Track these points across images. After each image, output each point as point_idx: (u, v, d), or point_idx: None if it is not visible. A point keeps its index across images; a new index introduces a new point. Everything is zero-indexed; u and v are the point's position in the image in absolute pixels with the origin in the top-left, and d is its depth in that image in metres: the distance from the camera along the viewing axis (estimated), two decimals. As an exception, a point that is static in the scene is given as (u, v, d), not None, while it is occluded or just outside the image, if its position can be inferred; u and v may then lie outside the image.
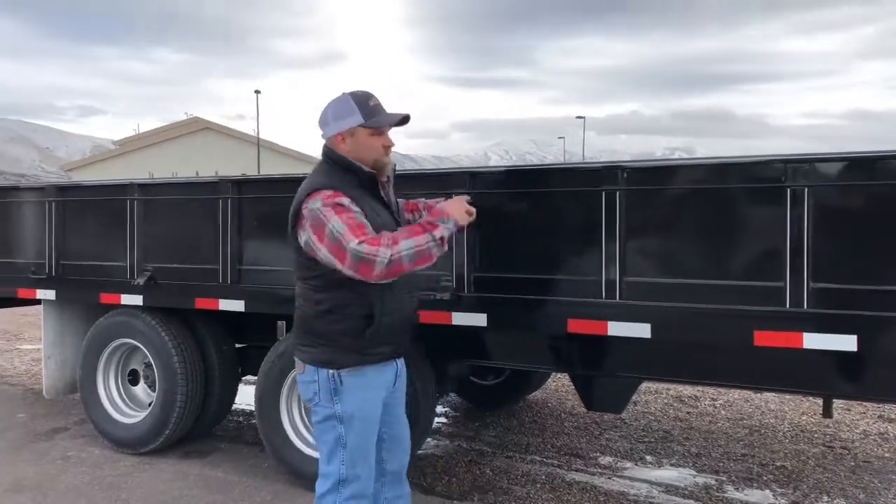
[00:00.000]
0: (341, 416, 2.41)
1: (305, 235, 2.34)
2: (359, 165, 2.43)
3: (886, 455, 4.54)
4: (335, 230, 2.25)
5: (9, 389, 5.97)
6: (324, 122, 2.49)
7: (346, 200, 2.31)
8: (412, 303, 2.58)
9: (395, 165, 2.55)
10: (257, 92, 46.33)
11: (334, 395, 2.40)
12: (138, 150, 51.39)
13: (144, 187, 4.25)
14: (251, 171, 46.51)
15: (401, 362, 2.59)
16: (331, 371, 2.39)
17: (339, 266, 2.25)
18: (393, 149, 2.49)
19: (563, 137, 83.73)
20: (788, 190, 2.71)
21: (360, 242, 2.21)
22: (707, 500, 3.83)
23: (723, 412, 5.43)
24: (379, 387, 2.47)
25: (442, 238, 2.31)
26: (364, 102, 2.44)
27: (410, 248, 2.25)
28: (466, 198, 2.55)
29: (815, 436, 4.88)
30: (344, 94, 2.49)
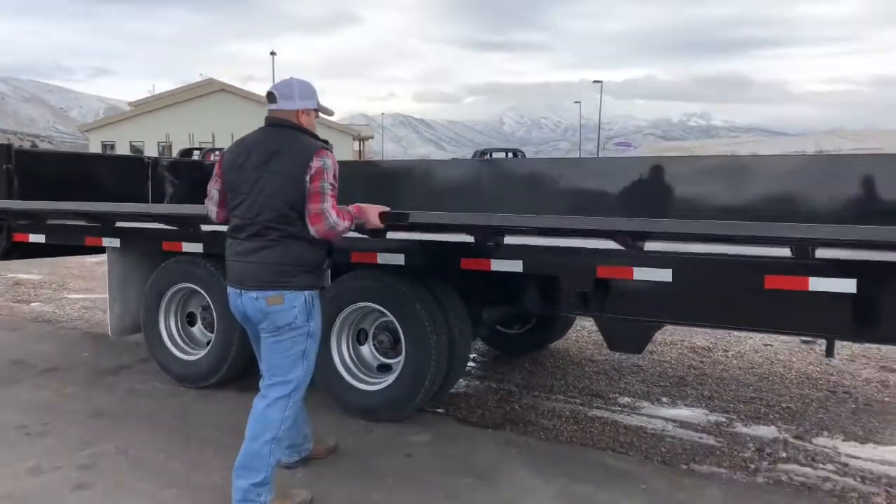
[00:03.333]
0: (311, 332, 3.02)
1: (311, 181, 2.91)
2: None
3: (886, 399, 4.90)
4: (325, 187, 2.91)
5: (69, 332, 6.43)
6: (287, 96, 3.07)
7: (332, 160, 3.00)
8: None
9: None
10: (272, 53, 46.26)
11: (309, 314, 3.01)
12: (154, 112, 51.70)
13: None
14: (268, 134, 46.73)
15: None
16: (308, 293, 2.98)
17: (308, 206, 2.89)
18: (399, 113, 2.99)
19: (580, 102, 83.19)
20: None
21: (331, 207, 2.92)
22: (717, 434, 4.21)
23: (734, 361, 5.79)
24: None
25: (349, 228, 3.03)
26: (316, 91, 3.16)
27: (341, 225, 2.96)
28: (384, 208, 3.21)
29: (820, 382, 5.24)
30: (302, 80, 3.13)
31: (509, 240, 3.63)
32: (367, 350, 4.34)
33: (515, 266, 3.66)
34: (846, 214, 4.80)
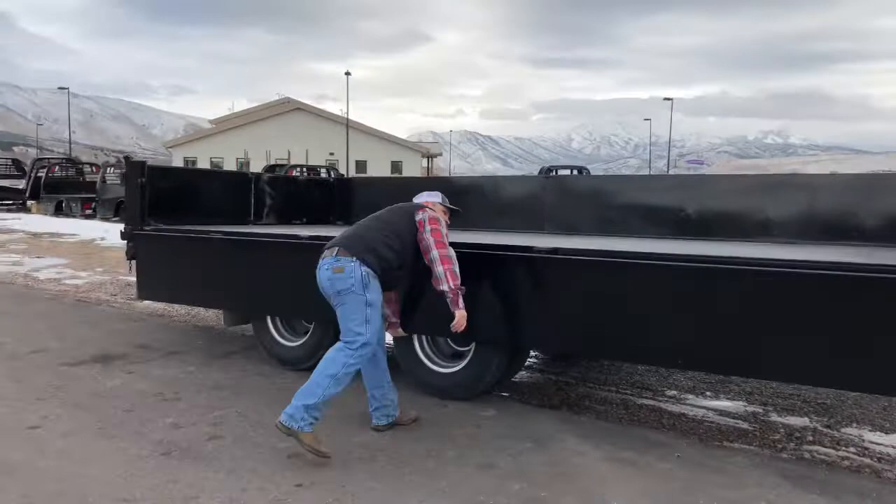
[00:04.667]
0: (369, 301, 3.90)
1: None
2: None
3: (918, 399, 5.29)
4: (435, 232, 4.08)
5: (181, 325, 7.37)
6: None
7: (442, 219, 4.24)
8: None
9: None
10: (347, 73, 47.91)
11: (365, 287, 3.88)
12: (233, 129, 54.10)
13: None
14: (341, 151, 48.37)
15: None
16: (366, 269, 3.92)
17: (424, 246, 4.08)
18: (466, 130, 3.74)
19: (649, 119, 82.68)
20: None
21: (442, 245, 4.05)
22: (752, 422, 4.73)
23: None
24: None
25: (453, 290, 4.00)
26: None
27: (449, 273, 4.00)
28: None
29: (858, 383, 5.66)
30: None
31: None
32: (442, 340, 5.04)
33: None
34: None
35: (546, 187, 7.34)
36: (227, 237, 5.67)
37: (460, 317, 4.02)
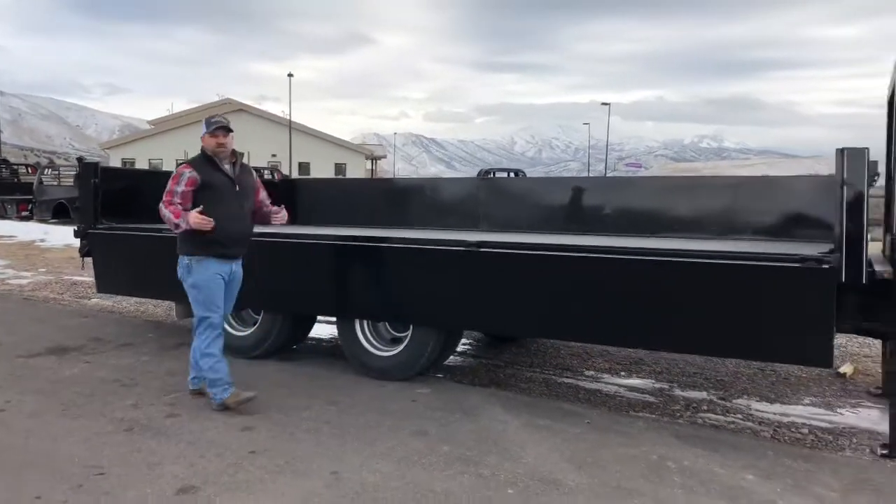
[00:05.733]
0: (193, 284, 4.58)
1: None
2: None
3: (803, 375, 6.00)
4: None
5: (132, 319, 7.66)
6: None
7: (185, 172, 4.51)
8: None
9: (237, 154, 4.74)
10: (290, 75, 47.85)
11: (187, 272, 4.55)
12: (172, 130, 53.27)
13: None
14: (283, 153, 48.21)
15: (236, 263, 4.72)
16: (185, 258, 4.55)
17: None
18: (411, 132, 4.20)
19: (588, 123, 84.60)
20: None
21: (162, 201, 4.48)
22: (658, 396, 5.34)
23: (688, 348, 6.91)
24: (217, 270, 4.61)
25: (176, 225, 4.44)
26: (207, 121, 4.65)
27: (167, 216, 4.45)
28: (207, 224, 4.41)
29: (754, 363, 6.34)
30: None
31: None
32: (382, 326, 5.52)
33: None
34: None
35: (481, 188, 7.90)
36: (163, 235, 6.03)
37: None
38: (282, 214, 4.97)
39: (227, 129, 4.63)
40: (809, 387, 5.64)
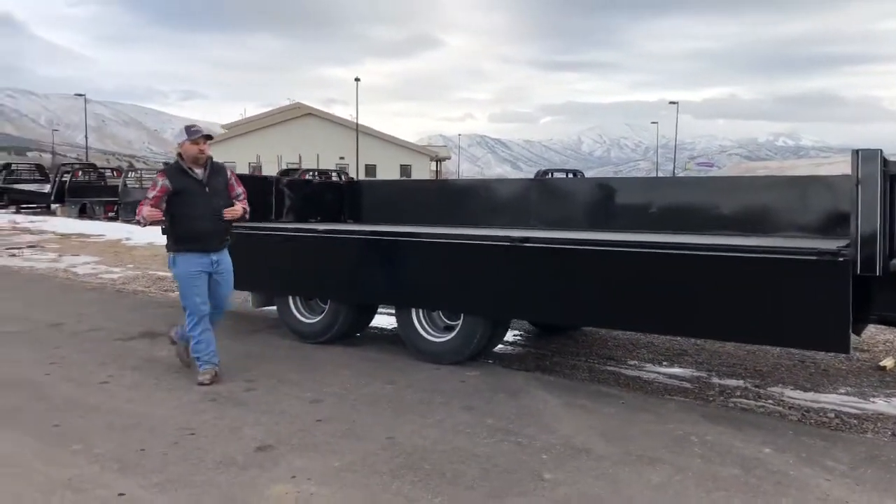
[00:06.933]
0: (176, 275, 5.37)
1: None
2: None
3: (843, 367, 6.20)
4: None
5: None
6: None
7: (159, 180, 5.22)
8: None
9: (209, 159, 5.34)
10: (357, 79, 49.03)
11: (172, 265, 5.32)
12: (245, 135, 55.25)
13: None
14: (351, 155, 49.42)
15: (216, 255, 5.35)
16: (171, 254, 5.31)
17: None
18: (476, 133, 4.69)
19: (657, 122, 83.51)
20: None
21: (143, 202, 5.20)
22: (695, 383, 5.67)
23: (733, 343, 7.16)
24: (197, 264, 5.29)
25: (138, 221, 5.22)
26: (189, 129, 5.31)
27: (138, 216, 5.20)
28: (157, 214, 5.17)
29: (796, 355, 6.57)
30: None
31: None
32: (436, 315, 6.03)
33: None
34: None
35: (533, 188, 8.33)
36: (251, 231, 6.69)
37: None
38: (229, 210, 5.39)
39: (208, 137, 5.32)
40: (847, 378, 5.86)
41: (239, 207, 5.46)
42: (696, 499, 3.44)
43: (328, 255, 6.33)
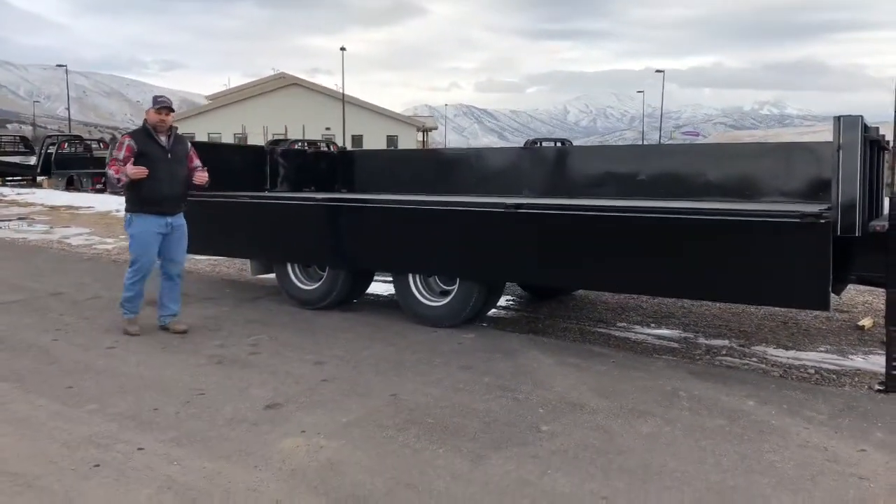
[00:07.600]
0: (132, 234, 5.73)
1: None
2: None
3: (823, 327, 6.45)
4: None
5: (209, 278, 8.54)
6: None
7: (125, 141, 5.61)
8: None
9: (173, 128, 5.76)
10: (342, 49, 48.62)
11: (128, 225, 5.69)
12: (230, 105, 54.76)
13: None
14: (337, 126, 49.19)
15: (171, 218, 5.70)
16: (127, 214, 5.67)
17: None
18: (462, 103, 4.86)
19: (643, 91, 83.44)
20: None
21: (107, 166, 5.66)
22: (683, 343, 5.90)
23: (718, 305, 7.40)
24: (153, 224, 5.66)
25: (118, 179, 5.50)
26: (155, 99, 5.70)
27: (111, 176, 5.58)
28: (142, 172, 5.44)
29: (778, 316, 6.82)
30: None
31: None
32: (432, 280, 6.21)
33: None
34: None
35: (523, 157, 8.47)
36: (253, 200, 6.81)
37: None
38: (199, 174, 5.83)
39: (170, 109, 5.71)
40: (827, 337, 6.10)
41: (204, 174, 5.82)
42: (686, 447, 3.66)
43: (328, 223, 6.46)
